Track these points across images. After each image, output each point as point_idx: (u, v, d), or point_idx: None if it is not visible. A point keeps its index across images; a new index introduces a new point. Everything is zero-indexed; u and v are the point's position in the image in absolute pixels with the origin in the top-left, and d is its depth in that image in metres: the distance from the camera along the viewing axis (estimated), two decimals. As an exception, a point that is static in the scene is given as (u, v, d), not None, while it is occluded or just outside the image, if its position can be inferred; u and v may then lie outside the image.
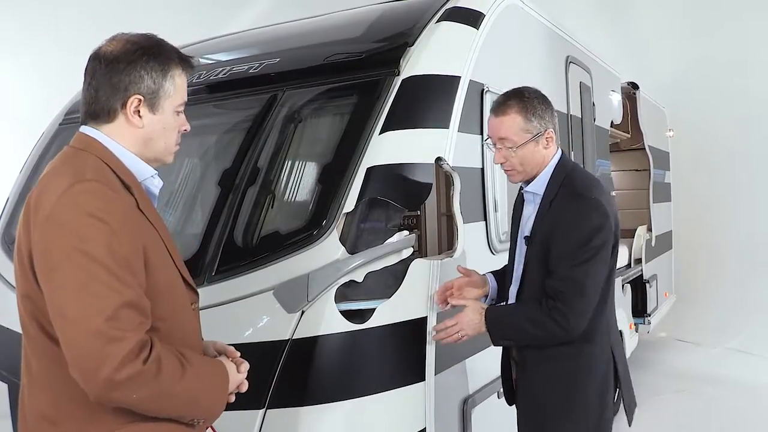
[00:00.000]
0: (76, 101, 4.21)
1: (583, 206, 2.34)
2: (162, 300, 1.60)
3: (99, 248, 1.45)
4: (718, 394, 6.06)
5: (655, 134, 7.41)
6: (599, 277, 2.34)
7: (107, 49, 1.65)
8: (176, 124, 1.74)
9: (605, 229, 2.31)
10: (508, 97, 2.48)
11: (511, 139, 2.41)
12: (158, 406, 1.53)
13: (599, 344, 2.42)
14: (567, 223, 2.33)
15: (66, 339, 1.44)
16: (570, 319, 2.28)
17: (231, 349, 1.84)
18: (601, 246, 2.30)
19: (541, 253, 2.38)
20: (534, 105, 2.43)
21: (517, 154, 2.43)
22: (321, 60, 3.36)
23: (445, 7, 3.31)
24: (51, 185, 1.53)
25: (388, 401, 2.65)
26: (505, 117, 2.42)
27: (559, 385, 2.43)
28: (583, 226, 2.30)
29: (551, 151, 2.47)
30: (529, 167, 2.45)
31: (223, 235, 2.86)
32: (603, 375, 2.44)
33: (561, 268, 2.31)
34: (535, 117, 2.41)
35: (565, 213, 2.35)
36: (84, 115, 1.69)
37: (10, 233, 3.74)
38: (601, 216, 2.31)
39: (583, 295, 2.29)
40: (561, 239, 2.32)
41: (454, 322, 2.47)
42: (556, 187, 2.42)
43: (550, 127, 2.45)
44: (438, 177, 3.07)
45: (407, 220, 3.18)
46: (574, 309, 2.28)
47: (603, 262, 2.33)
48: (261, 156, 3.06)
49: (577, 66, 4.76)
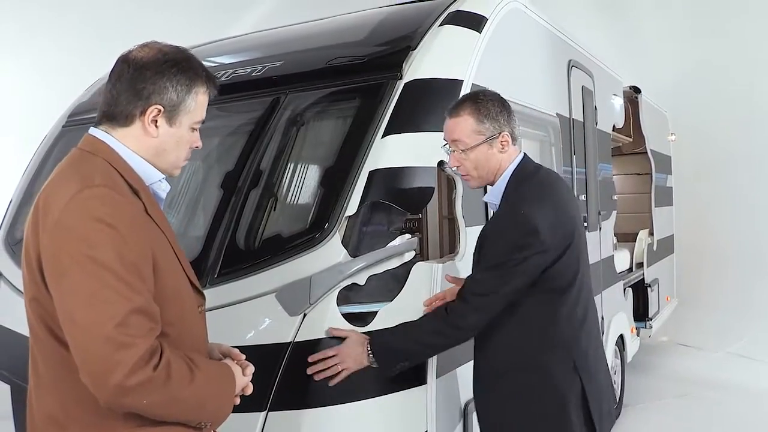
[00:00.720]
0: (79, 103, 4.23)
1: (510, 221, 2.34)
2: (170, 304, 1.60)
3: (108, 254, 1.45)
4: (719, 399, 6.05)
5: (657, 138, 7.41)
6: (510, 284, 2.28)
7: (138, 55, 1.65)
8: (189, 140, 1.74)
9: (530, 246, 2.25)
10: (463, 99, 2.48)
11: (462, 141, 2.39)
12: (167, 411, 1.53)
13: (558, 356, 2.35)
14: (492, 236, 2.38)
15: (76, 345, 1.45)
16: (467, 316, 2.31)
17: (236, 352, 1.85)
18: (521, 260, 2.26)
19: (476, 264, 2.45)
20: (487, 107, 2.39)
21: (469, 157, 2.40)
22: (324, 63, 3.37)
23: (447, 11, 3.31)
24: (60, 189, 1.53)
25: (390, 405, 2.65)
26: (458, 118, 2.41)
27: (513, 401, 2.39)
28: (505, 241, 2.31)
29: (508, 156, 2.43)
30: (484, 172, 2.43)
31: (225, 237, 2.87)
32: (563, 390, 2.34)
33: (474, 271, 2.40)
34: (488, 119, 2.37)
35: (493, 227, 2.42)
36: (101, 114, 1.69)
37: (14, 235, 3.75)
38: (526, 233, 2.26)
39: (484, 294, 2.30)
40: (485, 251, 2.38)
41: (334, 353, 2.43)
42: (508, 196, 2.41)
43: (505, 130, 2.39)
44: (440, 180, 3.08)
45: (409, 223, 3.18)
46: (471, 304, 2.31)
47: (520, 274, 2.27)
48: (264, 159, 3.06)
49: (580, 70, 4.76)
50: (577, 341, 2.39)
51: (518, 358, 2.37)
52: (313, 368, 2.45)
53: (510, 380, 2.39)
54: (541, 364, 2.35)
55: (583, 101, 4.77)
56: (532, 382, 2.36)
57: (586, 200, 4.70)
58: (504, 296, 2.31)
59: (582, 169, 4.68)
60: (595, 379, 2.41)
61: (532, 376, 2.35)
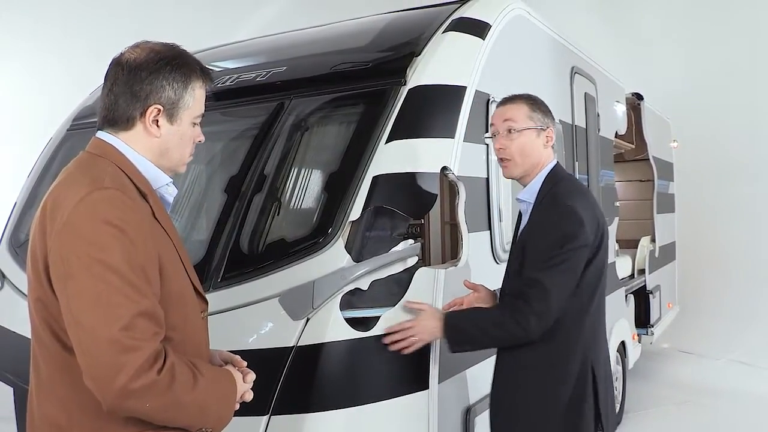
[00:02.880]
0: (84, 106, 4.24)
1: (556, 212, 2.36)
2: (175, 309, 1.60)
3: (116, 257, 1.45)
4: (721, 406, 6.04)
5: (659, 145, 7.41)
6: (566, 285, 2.32)
7: (130, 57, 1.65)
8: (192, 135, 1.75)
9: (578, 238, 2.31)
10: (515, 94, 2.58)
11: (515, 121, 2.47)
12: (170, 416, 1.53)
13: (574, 357, 2.40)
14: (540, 229, 2.38)
15: (81, 347, 1.44)
16: (530, 319, 2.28)
17: (237, 359, 1.85)
18: (572, 253, 2.30)
19: (519, 260, 2.42)
20: (539, 103, 2.53)
21: (517, 141, 2.46)
22: (328, 69, 3.38)
23: (451, 18, 3.33)
24: (68, 192, 1.53)
25: (392, 409, 2.66)
26: (512, 104, 2.52)
27: (530, 393, 2.43)
28: (555, 232, 2.32)
29: (548, 155, 2.51)
30: (527, 159, 2.48)
31: (229, 241, 2.88)
32: (578, 386, 2.40)
33: (528, 270, 2.35)
34: (539, 111, 2.50)
35: (540, 219, 2.40)
36: (101, 120, 1.69)
37: (18, 238, 3.76)
38: (574, 224, 2.32)
39: (545, 298, 2.28)
40: (533, 244, 2.37)
41: (410, 326, 2.50)
42: (544, 195, 2.45)
43: (551, 126, 2.50)
44: (443, 186, 3.09)
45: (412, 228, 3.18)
46: (535, 310, 2.28)
47: (572, 272, 2.32)
48: (268, 163, 3.08)
49: (582, 77, 4.77)
50: (595, 342, 2.47)
51: (543, 354, 2.39)
52: (390, 338, 2.51)
53: (532, 374, 2.42)
54: (564, 362, 2.39)
55: (585, 108, 4.78)
56: (553, 377, 2.40)
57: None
58: (562, 296, 2.31)
59: (584, 176, 4.69)
60: (604, 380, 2.48)
61: (554, 372, 2.40)
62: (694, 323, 8.45)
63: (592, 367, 2.42)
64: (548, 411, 2.40)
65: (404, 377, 2.73)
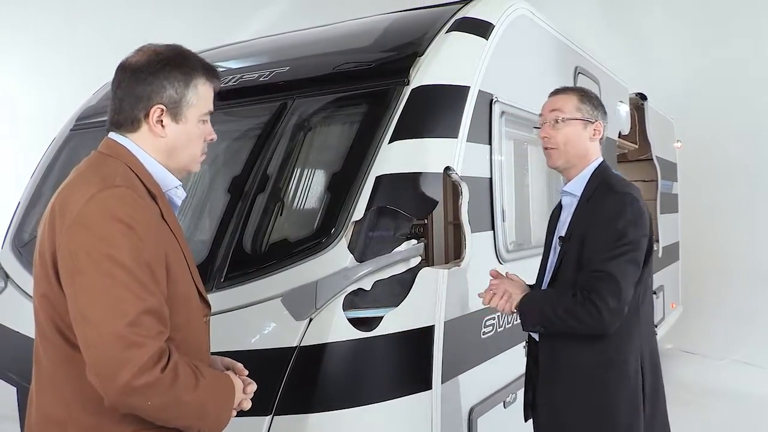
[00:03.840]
0: (87, 107, 4.24)
1: (618, 200, 2.31)
2: (179, 310, 1.61)
3: (125, 253, 1.46)
4: (724, 407, 6.02)
5: (662, 145, 7.40)
6: (633, 275, 2.25)
7: (132, 60, 1.67)
8: (201, 134, 1.75)
9: (640, 225, 2.27)
10: (567, 86, 2.61)
11: (562, 111, 2.46)
12: (170, 415, 1.53)
13: (632, 354, 2.33)
14: (602, 217, 2.30)
15: (86, 342, 1.45)
16: (604, 314, 2.18)
17: (240, 367, 1.85)
18: (636, 242, 2.25)
19: (577, 251, 2.33)
20: (591, 96, 2.52)
21: (563, 130, 2.45)
22: (331, 69, 3.38)
23: (454, 18, 3.33)
24: (79, 189, 1.54)
25: (395, 409, 2.66)
26: (563, 94, 2.52)
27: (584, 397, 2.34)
28: (618, 220, 2.26)
29: (595, 149, 2.49)
30: (571, 149, 2.45)
31: (232, 241, 2.88)
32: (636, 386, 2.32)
33: (595, 261, 2.25)
34: (589, 104, 2.48)
35: (601, 208, 2.33)
36: (109, 124, 1.71)
37: (22, 238, 3.76)
38: (636, 211, 2.29)
39: (618, 292, 2.19)
40: (596, 232, 2.29)
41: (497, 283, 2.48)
42: (593, 188, 2.41)
43: (600, 120, 2.49)
44: (446, 186, 3.08)
45: (415, 229, 3.19)
46: (609, 305, 2.18)
47: (635, 263, 2.26)
48: (270, 164, 3.08)
49: (586, 76, 4.76)
50: (648, 340, 2.41)
51: (599, 350, 2.31)
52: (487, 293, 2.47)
53: (586, 375, 2.34)
54: (624, 358, 2.31)
55: (589, 108, 4.76)
56: (613, 375, 2.31)
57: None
58: (631, 284, 2.24)
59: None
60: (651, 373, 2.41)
61: (613, 369, 2.32)
62: (697, 323, 8.43)
63: (642, 365, 2.35)
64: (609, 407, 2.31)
65: (407, 377, 2.73)
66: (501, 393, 3.35)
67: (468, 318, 3.06)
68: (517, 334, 3.56)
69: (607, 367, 2.32)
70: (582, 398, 2.35)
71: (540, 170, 4.15)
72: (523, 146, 3.89)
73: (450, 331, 2.84)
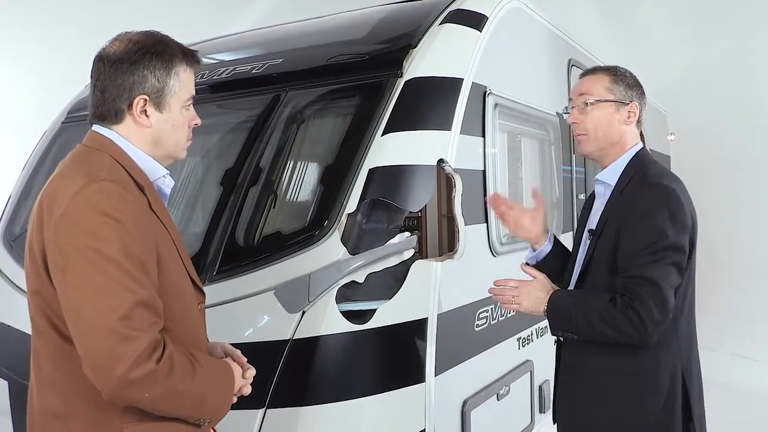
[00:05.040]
0: (78, 99, 4.22)
1: (654, 193, 2.09)
2: (172, 300, 1.61)
3: (114, 247, 1.45)
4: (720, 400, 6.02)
5: (656, 138, 7.42)
6: (675, 281, 2.04)
7: (110, 50, 1.65)
8: (185, 120, 1.74)
9: (680, 220, 2.04)
10: (599, 66, 2.39)
11: (591, 93, 2.24)
12: (168, 406, 1.54)
13: (666, 363, 2.13)
14: (638, 212, 2.07)
15: (80, 337, 1.45)
16: (647, 324, 1.98)
17: (238, 353, 1.85)
18: (677, 243, 2.03)
19: (609, 246, 2.12)
20: (625, 75, 2.28)
21: (592, 114, 2.22)
22: (324, 61, 3.37)
23: (448, 10, 3.31)
24: (65, 184, 1.53)
25: (388, 402, 2.66)
26: (593, 75, 2.30)
27: (615, 401, 2.16)
28: (656, 215, 2.04)
29: (632, 134, 2.26)
30: (602, 135, 2.23)
31: (224, 234, 2.87)
32: (669, 397, 2.13)
33: (634, 266, 2.03)
34: (622, 84, 2.24)
35: (637, 201, 2.10)
36: (91, 116, 1.70)
37: (13, 231, 3.74)
38: (676, 206, 2.05)
39: (663, 302, 1.99)
40: (632, 230, 2.07)
41: (516, 286, 2.23)
42: (629, 178, 2.19)
43: (635, 101, 2.24)
44: (440, 179, 3.08)
45: (408, 221, 3.18)
46: (653, 315, 1.98)
47: (679, 267, 2.05)
48: (263, 156, 3.07)
49: (579, 69, 4.75)
50: (690, 350, 2.23)
51: (631, 358, 2.12)
52: (494, 289, 2.28)
53: (617, 380, 2.16)
54: (655, 368, 2.12)
55: (582, 100, 4.76)
56: (642, 384, 2.13)
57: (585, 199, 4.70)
58: (671, 294, 2.03)
59: (581, 168, 4.69)
60: (698, 395, 2.26)
61: (643, 378, 2.13)
62: (691, 316, 8.45)
63: (683, 377, 2.15)
64: (635, 420, 2.13)
65: (400, 370, 2.73)
66: (494, 385, 3.36)
67: (461, 310, 3.06)
68: (510, 326, 3.57)
69: (637, 377, 2.13)
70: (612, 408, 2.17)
71: (534, 163, 4.15)
72: (516, 138, 3.89)
73: (443, 323, 2.83)
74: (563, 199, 4.40)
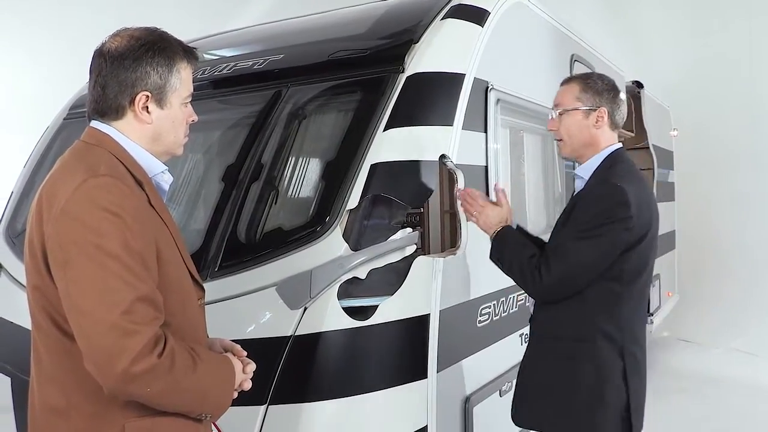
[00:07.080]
0: (80, 95, 4.22)
1: (602, 189, 2.36)
2: (172, 295, 1.61)
3: (114, 243, 1.46)
4: (720, 395, 6.05)
5: (659, 133, 7.39)
6: (593, 260, 2.31)
7: (111, 46, 1.65)
8: (184, 117, 1.75)
9: (618, 217, 2.28)
10: (574, 75, 2.64)
11: (562, 104, 2.51)
12: (170, 400, 1.54)
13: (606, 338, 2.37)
14: (584, 202, 2.37)
15: (81, 332, 1.46)
16: (544, 278, 2.32)
17: (238, 348, 1.85)
18: (607, 230, 2.28)
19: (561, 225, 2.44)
20: (595, 82, 2.50)
21: (563, 122, 2.49)
22: (325, 56, 3.36)
23: (450, 5, 3.30)
24: (65, 180, 1.54)
25: (390, 398, 2.66)
26: (566, 85, 2.55)
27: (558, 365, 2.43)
28: (596, 207, 2.32)
29: (604, 136, 2.49)
30: (575, 140, 2.49)
31: (226, 230, 2.87)
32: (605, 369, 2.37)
33: (561, 236, 2.39)
34: (591, 91, 2.48)
35: (588, 194, 2.40)
36: (91, 112, 1.70)
37: (15, 227, 3.75)
38: (617, 202, 2.29)
39: (567, 264, 2.31)
40: (574, 216, 2.37)
41: (483, 205, 2.58)
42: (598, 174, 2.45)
43: (604, 107, 2.47)
44: (442, 174, 3.07)
45: (410, 217, 3.17)
46: (552, 271, 2.31)
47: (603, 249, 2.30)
48: (265, 152, 3.06)
49: (582, 64, 4.74)
50: (631, 334, 2.43)
51: (569, 326, 2.41)
52: (463, 193, 2.67)
53: (560, 347, 2.43)
54: (591, 339, 2.37)
55: (585, 96, 4.75)
56: (579, 352, 2.39)
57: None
58: (586, 269, 2.32)
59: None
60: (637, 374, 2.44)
61: (581, 346, 2.39)
62: (693, 312, 8.46)
63: (622, 357, 2.38)
64: (572, 384, 2.39)
65: (403, 366, 2.73)
66: (497, 382, 3.36)
67: (464, 306, 3.05)
68: (513, 322, 3.56)
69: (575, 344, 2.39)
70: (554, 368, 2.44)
71: (536, 158, 4.14)
72: (518, 134, 3.88)
73: (445, 319, 2.83)
74: (565, 194, 4.39)
